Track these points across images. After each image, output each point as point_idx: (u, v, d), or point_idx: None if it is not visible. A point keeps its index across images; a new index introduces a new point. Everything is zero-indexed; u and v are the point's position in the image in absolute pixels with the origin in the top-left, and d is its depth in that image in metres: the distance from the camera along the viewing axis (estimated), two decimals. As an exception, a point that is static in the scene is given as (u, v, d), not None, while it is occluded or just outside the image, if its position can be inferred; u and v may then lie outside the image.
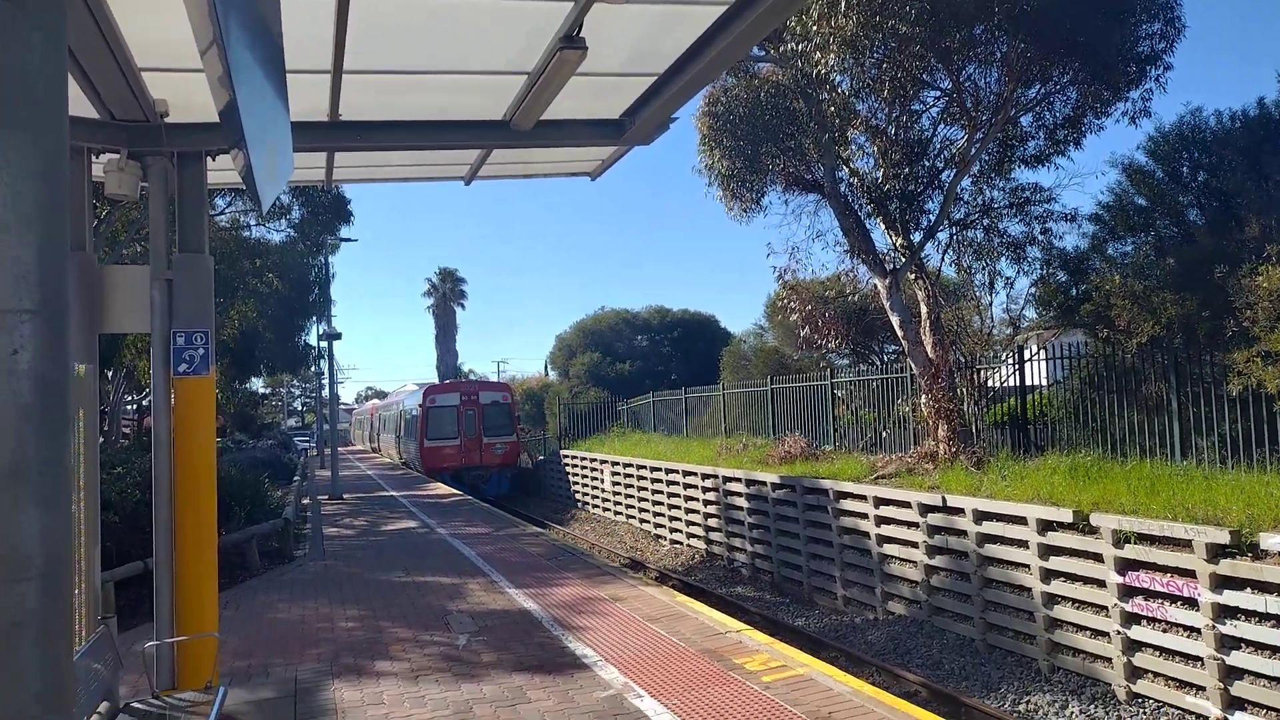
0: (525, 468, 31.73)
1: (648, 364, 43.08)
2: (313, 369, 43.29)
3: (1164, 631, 8.42)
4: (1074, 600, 9.53)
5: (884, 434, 15.79)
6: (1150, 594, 8.59)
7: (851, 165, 15.97)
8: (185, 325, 6.23)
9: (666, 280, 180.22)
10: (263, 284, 21.73)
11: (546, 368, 52.53)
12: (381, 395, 78.53)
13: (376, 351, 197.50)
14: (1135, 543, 8.72)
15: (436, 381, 50.96)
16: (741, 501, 16.13)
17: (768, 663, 6.94)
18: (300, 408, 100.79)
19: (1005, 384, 14.57)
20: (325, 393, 68.63)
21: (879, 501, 12.48)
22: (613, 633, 8.08)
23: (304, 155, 7.44)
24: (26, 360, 2.36)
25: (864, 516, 12.76)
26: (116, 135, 6.12)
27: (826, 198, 15.81)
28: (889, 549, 12.31)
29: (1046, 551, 9.88)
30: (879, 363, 20.84)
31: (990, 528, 10.62)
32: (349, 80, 5.99)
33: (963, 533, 11.04)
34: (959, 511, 11.12)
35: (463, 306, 79.62)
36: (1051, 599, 9.81)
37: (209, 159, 6.49)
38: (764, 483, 15.30)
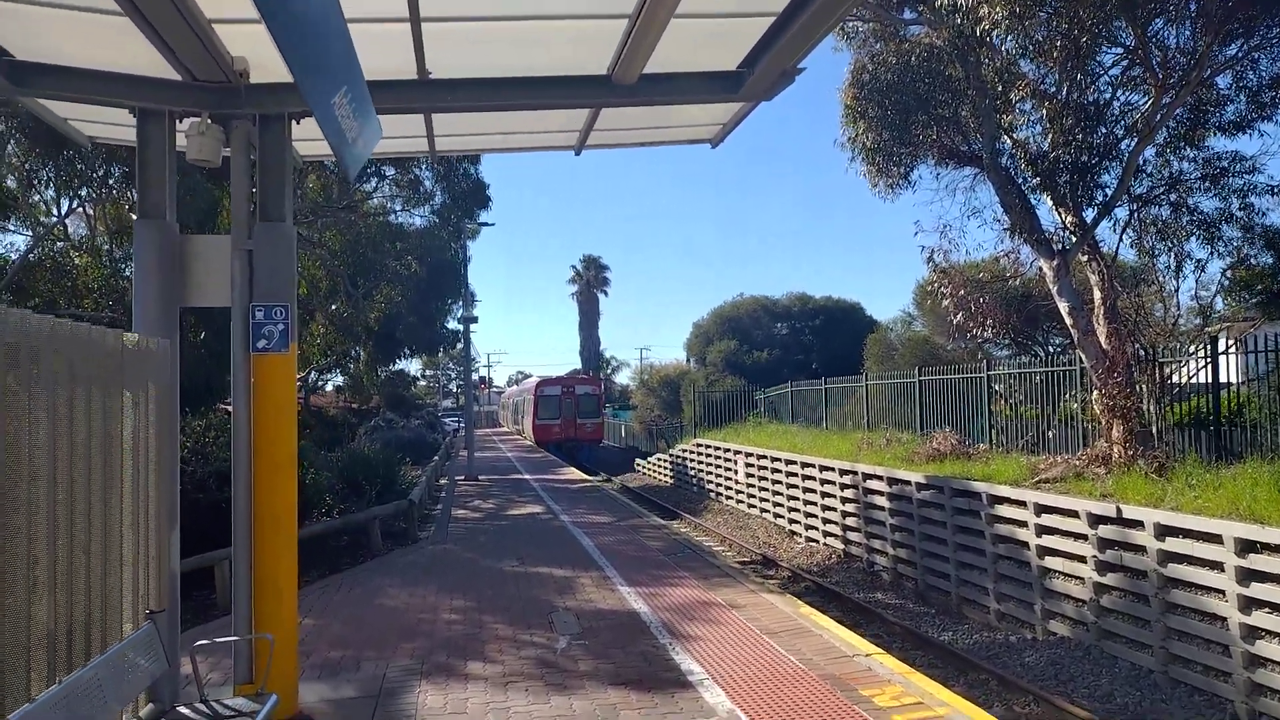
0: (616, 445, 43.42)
1: (787, 352, 41.76)
2: (455, 349, 45.02)
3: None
4: (1283, 637, 7.99)
5: (1049, 434, 14.17)
6: (1388, 639, 7.00)
7: (1014, 135, 14.35)
8: (265, 299, 5.89)
9: (809, 263, 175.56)
10: (401, 266, 22.11)
11: (688, 357, 52.05)
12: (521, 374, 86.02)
13: (527, 336, 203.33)
14: (1369, 575, 7.14)
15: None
16: (883, 501, 14.91)
17: (900, 697, 5.96)
18: (454, 389, 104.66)
19: (1191, 380, 12.73)
20: (477, 375, 72.90)
21: (1041, 509, 11.07)
22: (725, 646, 7.28)
23: (402, 121, 7.02)
24: None
25: (1023, 525, 11.38)
26: (197, 97, 5.82)
27: (985, 171, 14.28)
28: (1051, 562, 10.90)
29: (1247, 576, 8.35)
30: (1043, 354, 18.97)
31: (1175, 545, 9.12)
32: (430, 30, 5.44)
33: (1141, 549, 9.57)
34: (1137, 524, 9.64)
35: (605, 293, 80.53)
36: (1252, 632, 8.27)
37: (294, 122, 6.13)
38: (908, 482, 14.05)
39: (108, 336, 4.59)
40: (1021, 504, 11.38)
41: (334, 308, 24.82)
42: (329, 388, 46.03)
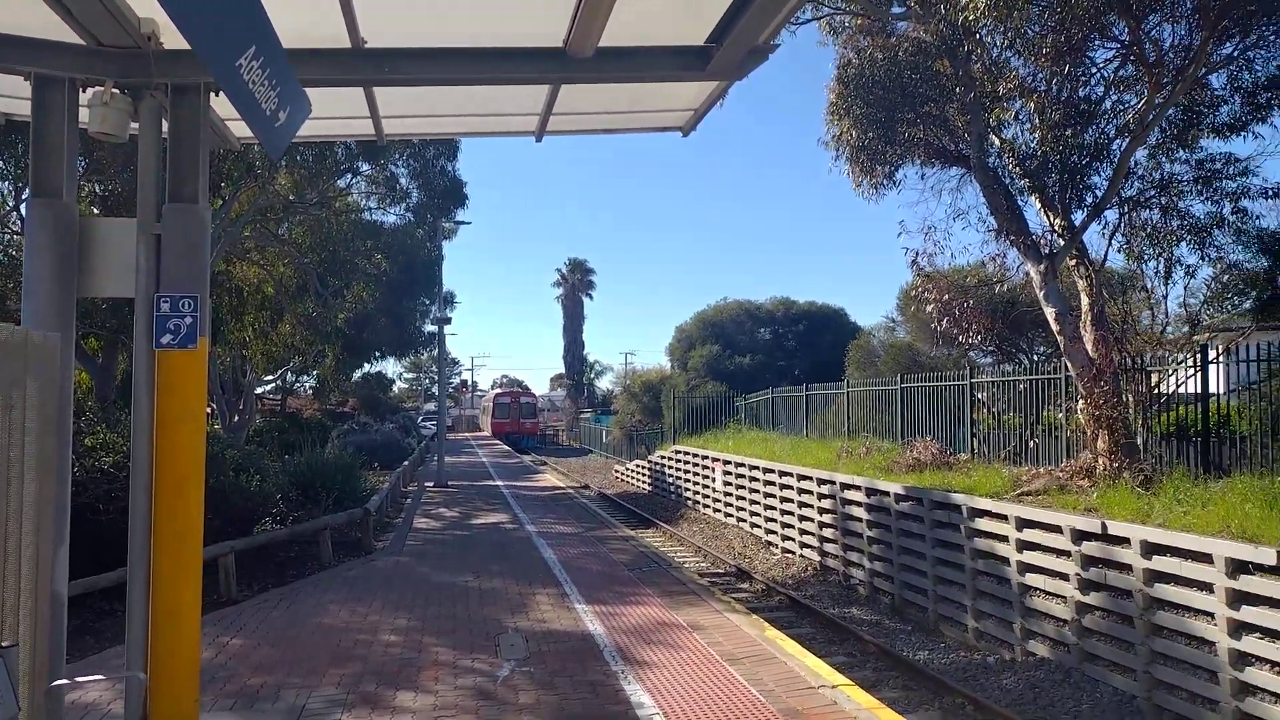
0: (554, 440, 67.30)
1: (770, 358, 41.27)
2: (433, 352, 44.35)
3: None
4: (1274, 663, 7.53)
5: (1031, 444, 13.73)
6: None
7: (1002, 134, 13.92)
8: (172, 289, 5.27)
9: (794, 267, 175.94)
10: (372, 266, 21.42)
11: (671, 362, 51.51)
12: (518, 383, 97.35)
13: (512, 338, 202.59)
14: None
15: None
16: (860, 512, 14.43)
17: (867, 737, 5.44)
18: (437, 392, 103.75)
19: (1179, 390, 12.32)
20: (460, 378, 76.52)
21: (1022, 523, 10.60)
22: (681, 674, 6.73)
23: (341, 99, 6.43)
24: None
25: (1003, 539, 10.91)
26: (102, 65, 5.20)
27: (972, 171, 13.84)
28: (1032, 579, 10.43)
29: (1237, 599, 7.90)
30: (1027, 362, 18.56)
31: (1163, 564, 8.66)
32: (356, -11, 4.88)
33: (1126, 567, 9.11)
34: (1122, 541, 9.18)
35: (591, 296, 79.98)
36: (1242, 658, 7.82)
37: (212, 94, 5.55)
38: (886, 493, 13.57)
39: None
40: (1003, 518, 10.92)
41: (304, 308, 24.12)
42: (308, 390, 45.23)
